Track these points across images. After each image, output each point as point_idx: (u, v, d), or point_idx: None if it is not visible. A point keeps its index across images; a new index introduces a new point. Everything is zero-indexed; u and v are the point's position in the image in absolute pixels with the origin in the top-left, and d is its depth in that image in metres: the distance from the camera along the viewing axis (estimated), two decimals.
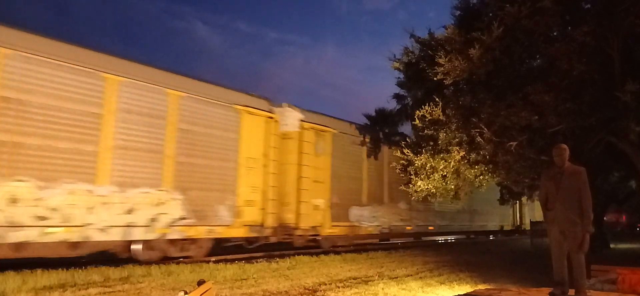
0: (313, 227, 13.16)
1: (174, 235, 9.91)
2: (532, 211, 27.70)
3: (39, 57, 8.13)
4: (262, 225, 11.67)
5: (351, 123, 15.45)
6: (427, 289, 7.44)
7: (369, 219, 15.41)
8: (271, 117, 12.30)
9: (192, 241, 10.44)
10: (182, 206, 10.04)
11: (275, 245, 12.90)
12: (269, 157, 12.07)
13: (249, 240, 11.79)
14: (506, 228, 25.74)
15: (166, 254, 10.02)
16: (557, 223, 5.30)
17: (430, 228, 18.97)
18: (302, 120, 13.19)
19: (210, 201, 10.62)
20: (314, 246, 13.47)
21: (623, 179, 16.98)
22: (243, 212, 11.26)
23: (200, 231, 10.39)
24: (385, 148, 16.24)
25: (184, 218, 10.04)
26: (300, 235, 12.81)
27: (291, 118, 13.10)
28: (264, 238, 11.92)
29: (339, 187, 14.24)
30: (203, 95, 10.73)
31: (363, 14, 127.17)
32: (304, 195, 12.94)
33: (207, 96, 10.83)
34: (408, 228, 17.53)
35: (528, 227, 27.56)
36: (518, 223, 27.32)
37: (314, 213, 13.19)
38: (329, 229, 13.72)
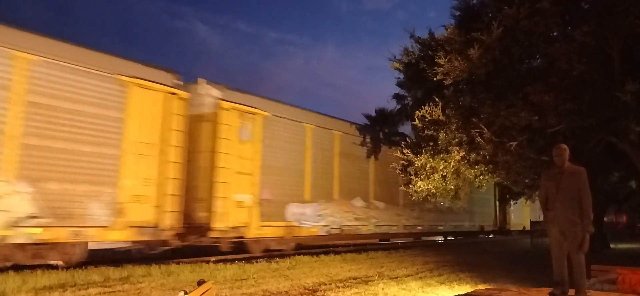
0: (234, 228, 10.96)
1: (20, 238, 7.79)
2: (518, 211, 26.29)
3: None
4: (156, 227, 9.48)
5: (291, 105, 13.40)
6: (427, 289, 7.44)
7: (312, 218, 13.16)
8: (174, 93, 10.02)
9: (52, 246, 8.35)
10: (33, 201, 7.90)
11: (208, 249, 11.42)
12: (169, 142, 9.82)
13: (149, 244, 9.75)
14: (487, 228, 23.72)
15: (11, 261, 7.96)
16: (557, 223, 5.30)
17: (394, 229, 16.58)
18: (220, 99, 11.02)
19: (77, 196, 8.42)
20: (238, 251, 11.55)
21: (623, 179, 16.98)
22: (128, 210, 9.08)
23: (61, 234, 8.25)
24: (337, 136, 14.40)
25: (34, 217, 7.92)
26: (216, 238, 10.67)
27: (206, 96, 11.05)
28: (161, 242, 9.81)
29: (272, 180, 12.07)
30: (68, 61, 8.47)
31: (363, 14, 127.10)
32: (221, 189, 10.73)
33: (74, 62, 8.55)
34: (365, 228, 15.19)
35: (513, 227, 26.49)
36: (501, 224, 25.39)
37: (235, 211, 11.00)
38: (257, 230, 11.58)
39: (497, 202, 24.64)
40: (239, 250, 11.54)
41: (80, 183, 8.54)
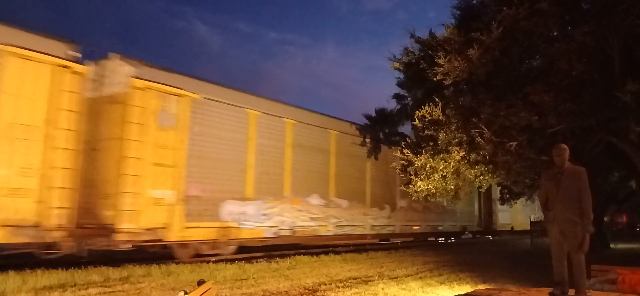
0: (150, 229, 9.40)
1: None
2: (506, 210, 23.49)
3: None
4: (38, 226, 7.98)
5: (229, 87, 11.73)
6: (427, 289, 7.44)
7: (256, 218, 11.57)
8: (66, 67, 8.52)
9: None
10: None
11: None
12: (58, 124, 8.34)
13: (33, 247, 8.19)
14: (470, 229, 22.29)
15: None
16: (557, 223, 5.30)
17: (359, 230, 14.88)
18: (134, 77, 9.42)
19: None
20: (164, 256, 10.09)
21: (623, 179, 16.98)
22: None
23: None
24: (289, 125, 12.90)
25: None
26: (126, 241, 9.09)
27: (116, 74, 9.42)
28: (47, 245, 8.26)
29: (202, 174, 10.47)
30: None
31: (363, 14, 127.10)
32: (131, 184, 9.11)
33: None
34: (323, 229, 13.49)
35: (501, 228, 24.52)
36: (487, 223, 23.63)
37: (151, 209, 9.45)
38: (181, 232, 9.96)
39: (482, 200, 23.11)
40: (165, 255, 10.18)
41: None
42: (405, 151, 10.88)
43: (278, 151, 12.64)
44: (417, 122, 10.09)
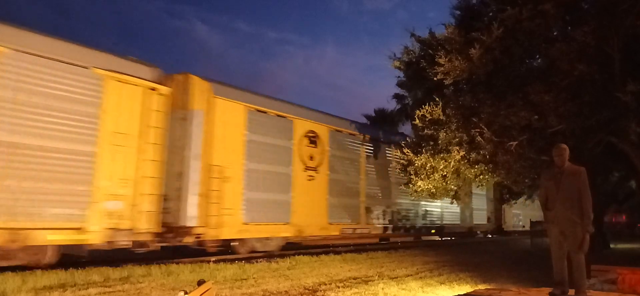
0: None
1: None
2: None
3: None
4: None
5: None
6: (427, 289, 7.44)
7: None
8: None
9: None
10: None
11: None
12: None
13: None
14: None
15: None
16: (557, 223, 5.30)
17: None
18: None
19: None
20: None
21: (623, 179, 16.99)
22: None
23: None
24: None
25: None
26: None
27: None
28: None
29: None
30: None
31: (363, 14, 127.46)
32: None
33: None
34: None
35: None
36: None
37: None
38: None
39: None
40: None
41: None
42: (405, 150, 10.88)
43: None
44: (417, 121, 10.10)
